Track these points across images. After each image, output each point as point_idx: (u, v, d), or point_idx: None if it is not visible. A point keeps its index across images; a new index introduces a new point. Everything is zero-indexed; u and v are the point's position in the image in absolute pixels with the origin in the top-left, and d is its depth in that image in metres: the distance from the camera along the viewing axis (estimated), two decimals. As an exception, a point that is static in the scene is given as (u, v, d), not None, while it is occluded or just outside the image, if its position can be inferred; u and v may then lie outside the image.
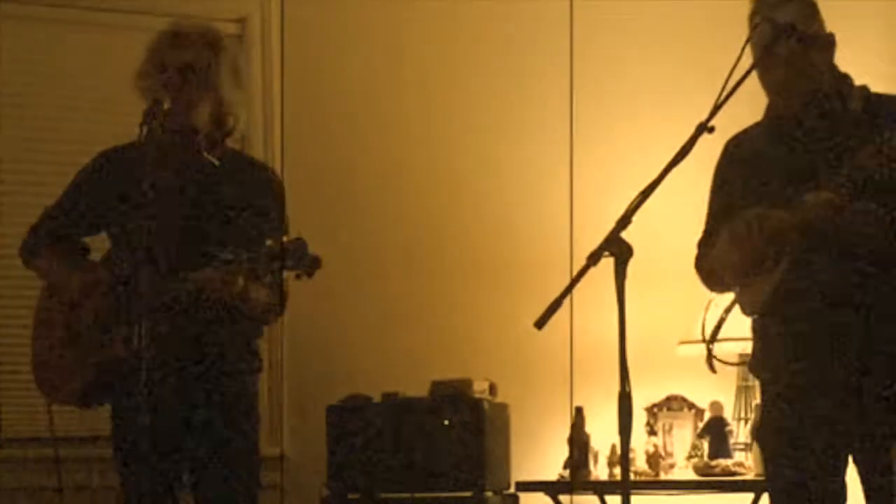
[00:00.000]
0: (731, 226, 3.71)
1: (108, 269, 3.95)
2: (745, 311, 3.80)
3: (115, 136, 4.21)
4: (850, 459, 3.66)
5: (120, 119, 4.06)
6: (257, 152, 5.42)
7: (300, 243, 3.68)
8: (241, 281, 3.74)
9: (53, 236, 4.12)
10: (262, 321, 4.07)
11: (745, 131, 3.84)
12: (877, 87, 3.74)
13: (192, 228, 3.94)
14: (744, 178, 3.77)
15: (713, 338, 3.92)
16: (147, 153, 3.64)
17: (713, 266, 3.84)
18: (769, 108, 3.78)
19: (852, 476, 3.68)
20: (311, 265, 3.69)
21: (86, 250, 4.12)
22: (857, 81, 3.73)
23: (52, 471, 5.12)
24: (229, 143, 4.08)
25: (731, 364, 4.15)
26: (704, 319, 4.00)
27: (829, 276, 3.56)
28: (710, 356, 3.92)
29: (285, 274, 3.85)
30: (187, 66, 3.90)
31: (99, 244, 4.10)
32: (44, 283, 4.12)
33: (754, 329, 3.82)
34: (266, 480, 4.89)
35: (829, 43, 3.69)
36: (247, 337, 4.05)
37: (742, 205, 3.70)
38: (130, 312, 3.83)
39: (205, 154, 3.96)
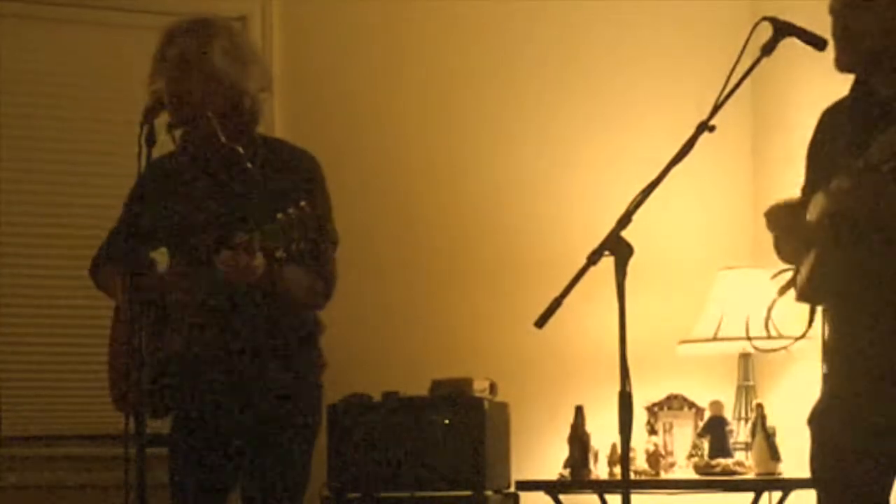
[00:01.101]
0: (769, 212, 3.71)
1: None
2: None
3: (118, 135, 4.21)
4: None
5: (122, 118, 4.06)
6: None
7: (312, 212, 3.68)
8: (259, 259, 3.72)
9: (113, 255, 4.13)
10: (306, 306, 4.04)
11: (837, 101, 3.74)
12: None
13: (219, 217, 3.94)
14: (824, 150, 3.69)
15: (766, 320, 3.87)
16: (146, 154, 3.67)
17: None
18: (854, 80, 3.70)
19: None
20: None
21: (151, 263, 4.11)
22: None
23: (51, 469, 5.14)
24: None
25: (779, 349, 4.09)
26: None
27: (859, 266, 3.53)
28: (766, 329, 3.88)
29: (333, 253, 3.91)
30: (180, 57, 3.91)
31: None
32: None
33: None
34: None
35: None
36: (300, 330, 4.05)
37: (819, 179, 3.62)
38: (167, 317, 3.85)
39: (223, 139, 3.95)
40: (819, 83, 4.70)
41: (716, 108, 3.42)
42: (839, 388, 3.64)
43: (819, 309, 3.71)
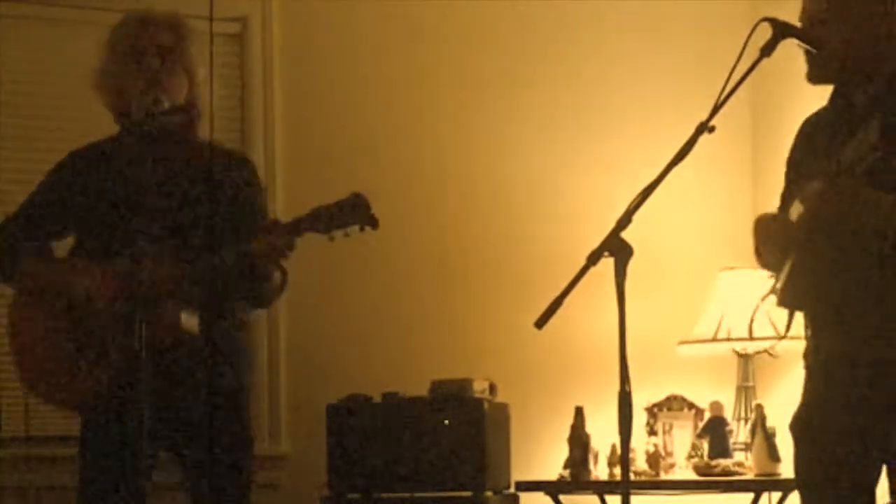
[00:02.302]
0: (755, 223, 3.71)
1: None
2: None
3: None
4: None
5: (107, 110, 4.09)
6: (257, 151, 5.42)
7: (361, 198, 3.80)
8: (295, 243, 3.77)
9: (11, 241, 4.04)
10: (270, 303, 4.11)
11: (817, 111, 3.77)
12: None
13: (191, 211, 3.92)
14: (804, 159, 3.71)
15: (750, 326, 3.89)
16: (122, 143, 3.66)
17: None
18: (832, 90, 3.72)
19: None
20: (373, 219, 3.80)
21: (49, 251, 4.06)
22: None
23: (51, 469, 5.14)
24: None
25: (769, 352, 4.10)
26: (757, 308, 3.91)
27: (834, 271, 3.54)
28: (750, 333, 3.89)
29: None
30: (163, 47, 3.91)
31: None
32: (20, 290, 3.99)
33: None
34: (265, 480, 4.90)
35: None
36: (239, 329, 4.03)
37: (798, 187, 3.64)
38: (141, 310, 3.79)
39: (197, 134, 3.95)
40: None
41: (715, 109, 3.42)
42: (818, 394, 3.66)
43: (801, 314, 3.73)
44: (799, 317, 3.74)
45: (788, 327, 3.74)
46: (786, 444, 5.09)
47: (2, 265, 4.05)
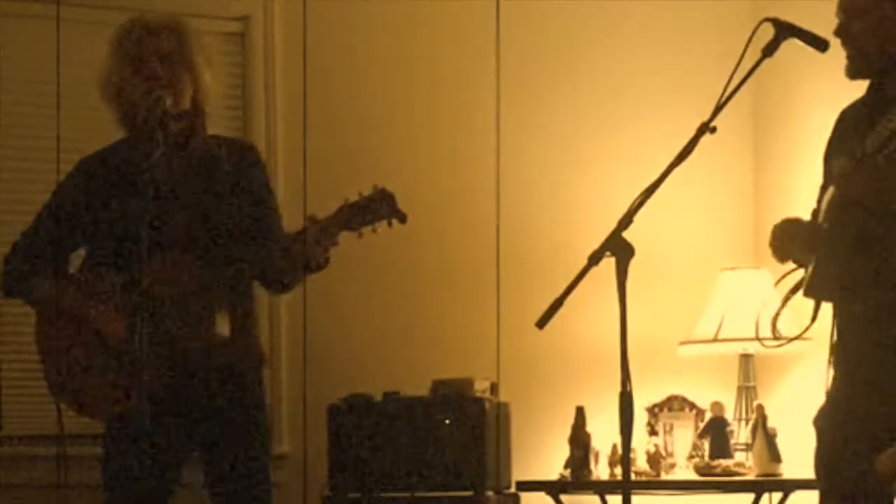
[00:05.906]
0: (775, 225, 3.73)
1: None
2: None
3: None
4: None
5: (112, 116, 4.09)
6: (259, 150, 5.42)
7: (386, 192, 3.87)
8: (337, 239, 3.82)
9: (41, 258, 4.01)
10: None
11: (853, 102, 3.75)
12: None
13: (210, 214, 3.92)
14: (836, 148, 3.71)
15: (775, 319, 3.88)
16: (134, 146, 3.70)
17: None
18: (869, 83, 3.70)
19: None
20: (401, 212, 3.89)
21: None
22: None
23: (52, 468, 5.14)
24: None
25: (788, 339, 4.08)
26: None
27: (861, 262, 3.54)
28: (773, 331, 3.87)
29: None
30: (163, 53, 3.91)
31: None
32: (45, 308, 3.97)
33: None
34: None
35: None
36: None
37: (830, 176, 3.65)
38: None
39: (207, 136, 3.96)
40: (820, 84, 4.70)
41: (717, 110, 3.43)
42: (842, 389, 3.64)
43: (829, 309, 3.71)
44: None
45: (814, 319, 3.72)
46: (787, 445, 5.11)
47: (21, 289, 4.04)
